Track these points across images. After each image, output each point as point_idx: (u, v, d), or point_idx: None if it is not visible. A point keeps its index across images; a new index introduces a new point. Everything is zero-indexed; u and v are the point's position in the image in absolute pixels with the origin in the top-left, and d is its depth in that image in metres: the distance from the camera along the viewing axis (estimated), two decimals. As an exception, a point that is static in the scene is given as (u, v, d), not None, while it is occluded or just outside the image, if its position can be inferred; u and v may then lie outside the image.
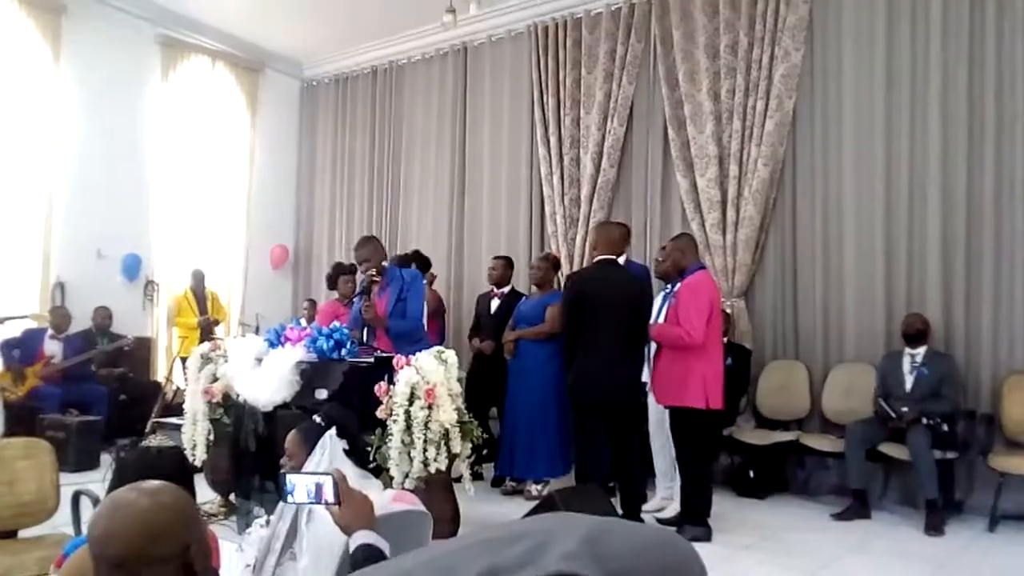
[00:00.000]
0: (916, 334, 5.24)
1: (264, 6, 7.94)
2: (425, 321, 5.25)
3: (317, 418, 2.81)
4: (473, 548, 0.69)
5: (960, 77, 5.45)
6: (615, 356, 4.58)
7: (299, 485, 1.75)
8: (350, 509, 1.72)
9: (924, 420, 4.90)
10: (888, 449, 5.10)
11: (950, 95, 5.49)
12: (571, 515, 0.73)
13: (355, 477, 2.99)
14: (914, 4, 5.65)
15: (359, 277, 5.36)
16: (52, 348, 6.75)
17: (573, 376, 4.70)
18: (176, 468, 2.22)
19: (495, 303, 6.22)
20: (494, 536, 0.70)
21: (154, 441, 3.86)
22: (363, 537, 1.68)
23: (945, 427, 4.88)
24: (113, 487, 2.01)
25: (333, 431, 2.71)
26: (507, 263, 6.40)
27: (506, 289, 6.27)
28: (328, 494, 1.73)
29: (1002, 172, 5.31)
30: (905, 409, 5.02)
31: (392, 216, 8.75)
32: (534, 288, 6.01)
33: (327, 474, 1.77)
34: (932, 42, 5.56)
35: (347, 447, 2.73)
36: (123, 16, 7.77)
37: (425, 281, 5.76)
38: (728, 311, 6.04)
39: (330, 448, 2.68)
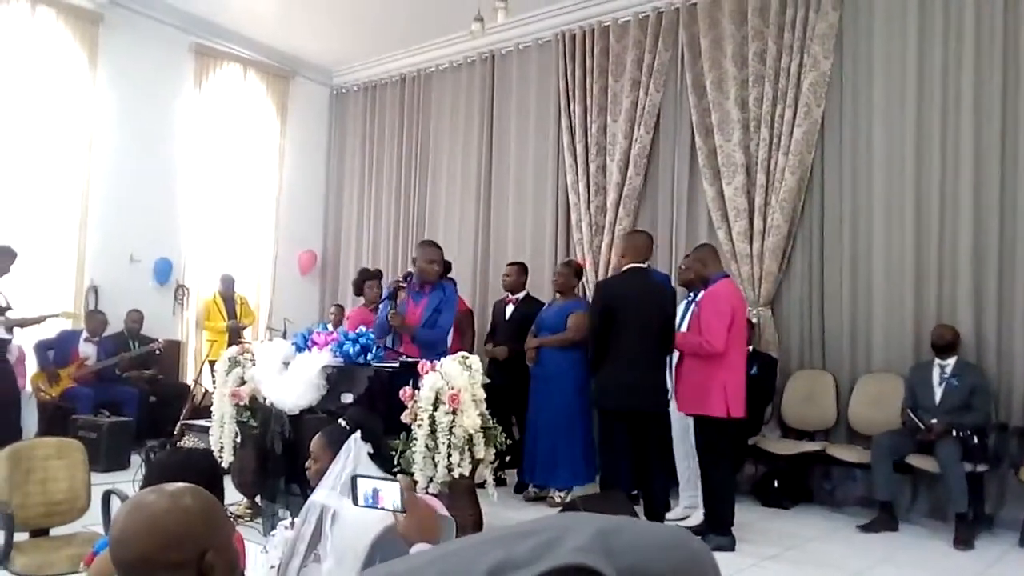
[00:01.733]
0: (946, 345, 5.17)
1: (295, 15, 8.05)
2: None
3: (342, 422, 2.84)
4: (487, 544, 0.69)
5: (994, 85, 5.38)
6: (643, 364, 4.58)
7: (362, 487, 1.71)
8: (413, 519, 1.67)
9: (954, 432, 4.84)
10: (916, 461, 5.04)
11: (983, 103, 5.42)
12: (585, 514, 0.74)
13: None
14: (947, 11, 5.59)
15: (385, 282, 5.41)
16: (86, 350, 6.89)
17: (600, 384, 4.70)
18: (206, 469, 2.26)
19: (510, 309, 6.28)
20: (507, 533, 0.70)
21: (187, 443, 3.93)
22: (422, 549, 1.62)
23: (976, 439, 4.81)
24: (144, 487, 2.06)
25: (358, 435, 2.74)
26: (521, 269, 6.45)
27: (520, 295, 6.33)
28: (387, 501, 1.67)
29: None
30: (934, 421, 4.95)
31: (419, 223, 8.81)
32: (557, 295, 6.01)
33: (394, 480, 1.73)
34: (965, 50, 5.49)
35: (371, 451, 2.76)
36: (158, 25, 7.93)
37: None
38: (754, 320, 6.01)
39: (355, 452, 2.70)
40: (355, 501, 1.77)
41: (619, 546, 0.67)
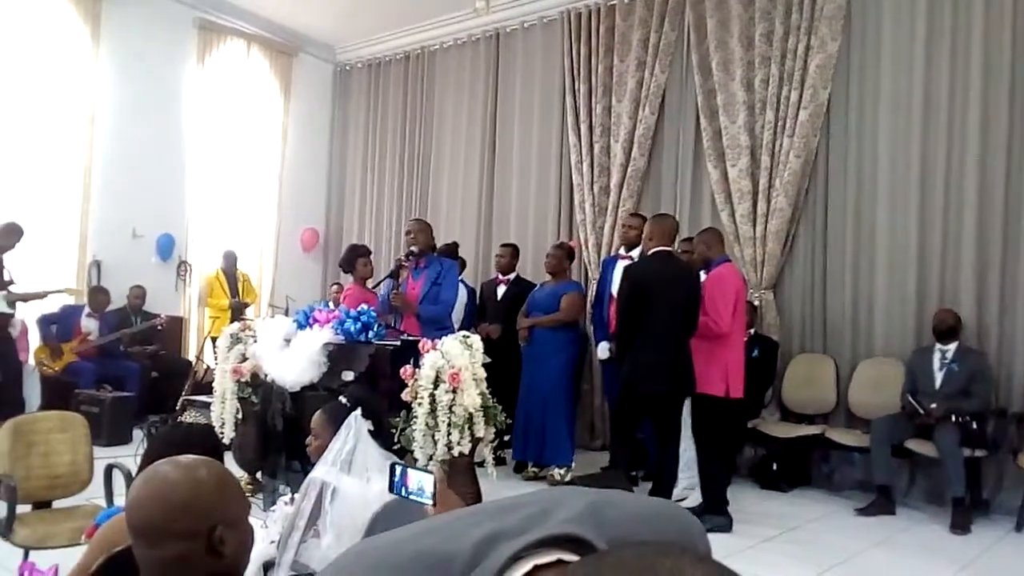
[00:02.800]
0: (948, 330, 5.17)
1: (299, -10, 8.00)
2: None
3: (343, 399, 2.85)
4: (477, 515, 0.70)
5: (1003, 69, 5.33)
6: (672, 345, 4.60)
7: (399, 476, 1.70)
8: (443, 510, 1.63)
9: (953, 417, 4.85)
10: (915, 445, 5.05)
11: (991, 88, 5.37)
12: (578, 487, 0.75)
13: (380, 458, 3.04)
14: (956, -5, 5.55)
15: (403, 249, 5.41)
16: (89, 325, 6.91)
17: (630, 364, 4.69)
18: (207, 445, 2.27)
19: (501, 289, 6.35)
20: (498, 505, 0.71)
21: (188, 418, 3.94)
22: None
23: (975, 425, 4.83)
24: (144, 462, 2.06)
25: (358, 412, 2.75)
26: (514, 251, 6.55)
27: (511, 276, 6.41)
28: (416, 490, 1.66)
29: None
30: (934, 405, 4.96)
31: (422, 201, 8.79)
32: (548, 276, 6.03)
33: (429, 472, 1.73)
34: (974, 33, 5.44)
35: (372, 428, 2.77)
36: (161, 0, 7.87)
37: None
38: (755, 303, 6.01)
39: (355, 429, 2.71)
40: (390, 489, 1.79)
41: (610, 518, 0.67)
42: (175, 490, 1.24)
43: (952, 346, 5.17)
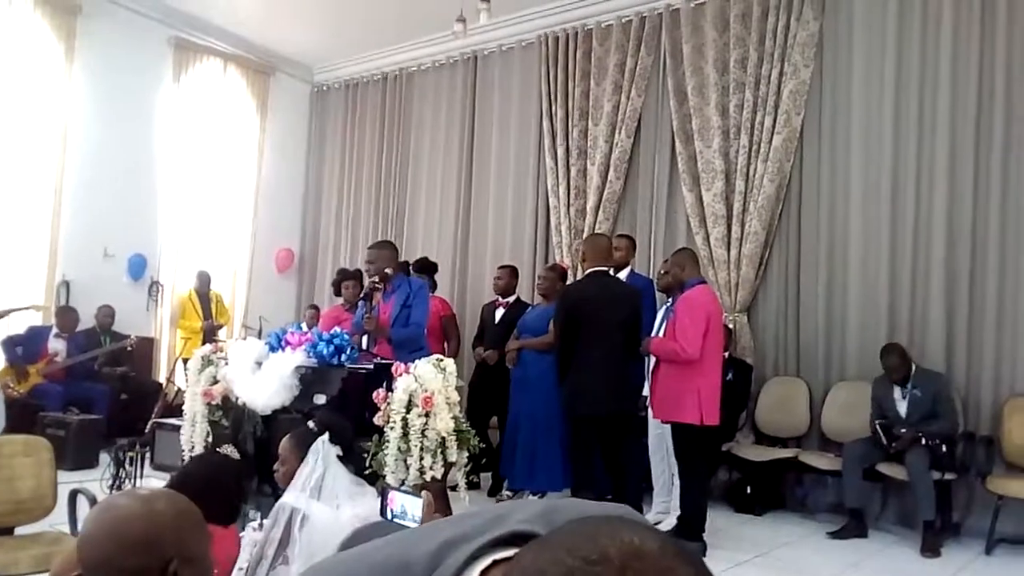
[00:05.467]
0: (903, 377, 5.14)
1: (277, 10, 7.99)
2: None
3: (311, 424, 2.82)
4: (436, 525, 0.74)
5: (969, 98, 5.44)
6: (609, 368, 4.58)
7: (390, 501, 1.69)
8: None
9: (923, 440, 4.88)
10: (886, 469, 5.09)
11: (958, 116, 5.48)
12: (534, 499, 0.78)
13: (350, 484, 3.00)
14: (924, 24, 5.65)
15: (366, 281, 5.38)
16: (56, 346, 6.79)
17: (569, 390, 4.70)
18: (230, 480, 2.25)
19: (500, 312, 6.22)
20: (457, 515, 0.76)
21: (226, 450, 3.87)
22: None
23: (944, 448, 4.86)
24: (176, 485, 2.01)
25: (326, 437, 2.72)
26: (512, 272, 6.41)
27: (511, 299, 6.27)
28: (399, 512, 1.66)
29: (1008, 191, 5.30)
30: (903, 430, 4.99)
31: (398, 223, 8.78)
32: (539, 298, 6.00)
33: (418, 496, 1.72)
34: (942, 63, 5.56)
35: (340, 453, 2.74)
36: (137, 18, 7.83)
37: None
38: (730, 326, 6.04)
39: (323, 454, 2.68)
40: (382, 513, 1.79)
41: (561, 517, 0.69)
42: (130, 524, 1.20)
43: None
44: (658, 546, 0.56)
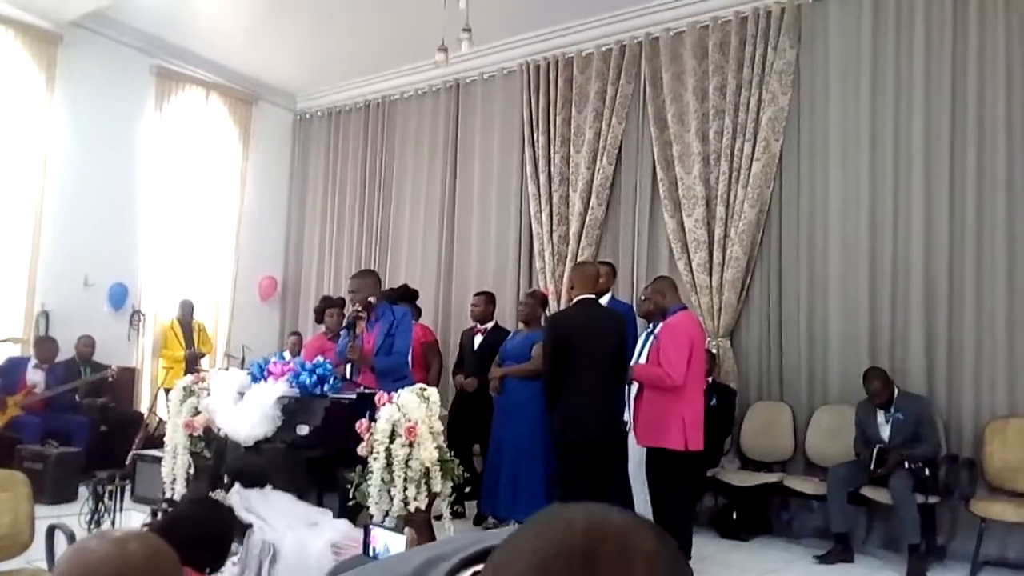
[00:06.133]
0: (886, 401, 5.17)
1: (259, 39, 8.02)
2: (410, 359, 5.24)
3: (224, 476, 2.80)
4: (418, 549, 0.78)
5: (943, 124, 5.54)
6: (598, 395, 4.59)
7: (372, 538, 1.69)
8: None
9: (906, 464, 4.90)
10: (871, 492, 5.10)
11: (932, 142, 5.57)
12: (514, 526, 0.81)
13: (303, 512, 2.99)
14: (898, 52, 5.76)
15: (348, 310, 5.37)
16: (35, 377, 6.69)
17: (558, 416, 4.70)
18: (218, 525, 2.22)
19: (478, 339, 6.23)
20: (439, 541, 0.81)
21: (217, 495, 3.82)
22: None
23: (927, 471, 4.88)
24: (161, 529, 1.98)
25: (237, 487, 2.71)
26: (489, 298, 6.43)
27: (489, 325, 6.29)
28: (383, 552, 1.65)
29: (983, 215, 5.37)
30: (886, 453, 5.02)
31: (382, 250, 8.77)
32: (521, 325, 6.01)
33: (401, 533, 1.72)
34: (915, 89, 5.66)
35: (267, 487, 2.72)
36: (118, 47, 7.83)
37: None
38: (714, 351, 6.06)
39: (239, 501, 2.67)
40: (364, 551, 1.79)
41: None
42: (102, 567, 1.18)
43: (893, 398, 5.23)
44: (618, 513, 0.61)
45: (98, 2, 7.14)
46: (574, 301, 4.81)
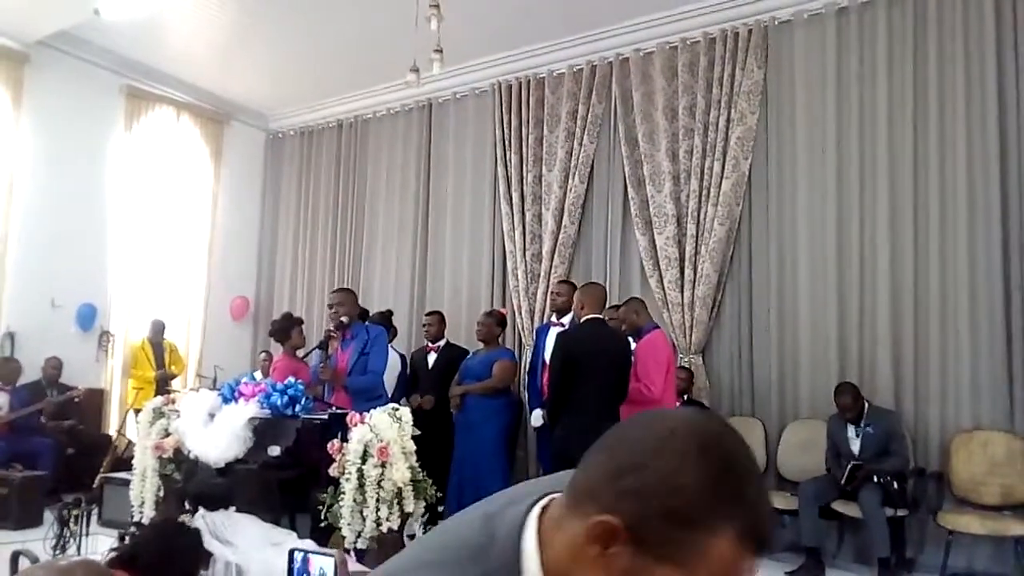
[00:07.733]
0: (856, 415, 5.25)
1: (230, 59, 8.01)
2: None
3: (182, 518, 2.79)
4: (463, 514, 0.90)
5: (906, 141, 5.66)
6: (602, 413, 4.61)
7: (296, 560, 1.69)
8: None
9: (875, 478, 4.96)
10: (841, 507, 5.14)
11: (896, 159, 5.70)
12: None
13: (267, 532, 2.97)
14: (862, 71, 5.89)
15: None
16: (-1, 400, 6.58)
17: (562, 433, 4.69)
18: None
19: (432, 357, 6.35)
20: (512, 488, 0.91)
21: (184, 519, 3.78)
22: None
23: (895, 484, 4.94)
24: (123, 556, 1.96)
25: (201, 511, 2.70)
26: (440, 318, 6.63)
27: (441, 343, 6.44)
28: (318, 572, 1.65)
29: (946, 231, 5.48)
30: (857, 464, 5.08)
31: (355, 269, 8.75)
32: (480, 344, 6.08)
33: (330, 555, 1.71)
34: (879, 107, 5.78)
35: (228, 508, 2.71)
36: (87, 66, 7.77)
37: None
38: (690, 368, 6.12)
39: (206, 526, 2.67)
40: (289, 573, 1.78)
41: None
42: None
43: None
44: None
45: (66, 21, 7.09)
46: (582, 320, 4.87)
